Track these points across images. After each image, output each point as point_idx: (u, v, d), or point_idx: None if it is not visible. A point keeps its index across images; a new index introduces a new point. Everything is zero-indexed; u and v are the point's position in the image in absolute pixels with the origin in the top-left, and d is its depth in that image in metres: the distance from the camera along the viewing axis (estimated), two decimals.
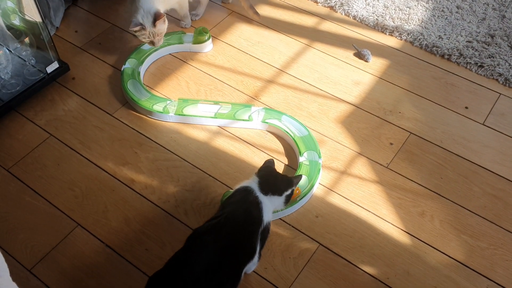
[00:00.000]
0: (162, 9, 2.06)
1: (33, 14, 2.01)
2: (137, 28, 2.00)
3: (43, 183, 1.81)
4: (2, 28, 2.09)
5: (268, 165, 1.55)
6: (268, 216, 1.45)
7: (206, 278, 1.27)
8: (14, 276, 1.50)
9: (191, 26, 2.37)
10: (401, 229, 1.69)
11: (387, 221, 1.71)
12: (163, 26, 2.05)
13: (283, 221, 1.70)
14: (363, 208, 1.74)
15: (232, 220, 1.38)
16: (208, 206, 1.74)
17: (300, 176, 1.56)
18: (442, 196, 1.77)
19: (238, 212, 1.41)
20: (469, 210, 1.73)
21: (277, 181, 1.50)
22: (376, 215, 1.72)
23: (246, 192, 1.45)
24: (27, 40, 2.11)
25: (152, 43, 2.09)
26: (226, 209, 1.42)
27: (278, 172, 1.56)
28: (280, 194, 1.49)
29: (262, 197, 1.45)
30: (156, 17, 1.99)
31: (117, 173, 1.83)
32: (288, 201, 1.52)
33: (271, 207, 1.48)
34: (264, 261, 1.60)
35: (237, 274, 1.36)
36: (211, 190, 1.78)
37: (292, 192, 1.52)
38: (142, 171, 1.84)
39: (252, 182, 1.48)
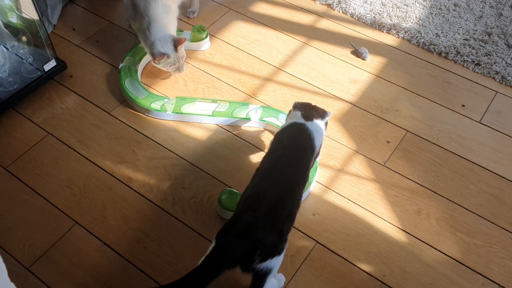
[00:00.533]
0: (173, 31, 2.07)
1: (30, 12, 2.01)
2: (163, 58, 1.97)
3: (41, 181, 1.81)
4: None
5: (300, 102, 1.69)
6: (318, 140, 1.60)
7: (277, 205, 1.38)
8: (13, 274, 1.51)
9: (187, 23, 2.37)
10: (398, 227, 1.70)
11: (383, 219, 1.71)
12: (182, 48, 2.03)
13: None
14: (360, 206, 1.75)
15: (290, 152, 1.53)
16: (205, 204, 1.75)
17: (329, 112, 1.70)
18: (439, 194, 1.78)
19: (294, 145, 1.56)
20: (465, 208, 1.74)
21: (315, 109, 1.66)
22: (373, 213, 1.73)
23: (295, 125, 1.60)
24: (24, 38, 2.11)
25: (178, 69, 2.05)
26: (282, 144, 1.55)
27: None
28: (322, 118, 1.65)
29: (309, 124, 1.60)
30: (176, 42, 1.98)
31: (115, 171, 1.84)
32: (325, 127, 1.69)
33: (319, 131, 1.62)
34: None
35: (298, 202, 1.48)
36: (209, 188, 1.79)
37: (327, 121, 1.68)
38: (139, 169, 1.85)
39: (295, 115, 1.63)
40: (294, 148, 1.55)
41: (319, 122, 1.63)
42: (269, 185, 1.43)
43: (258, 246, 1.31)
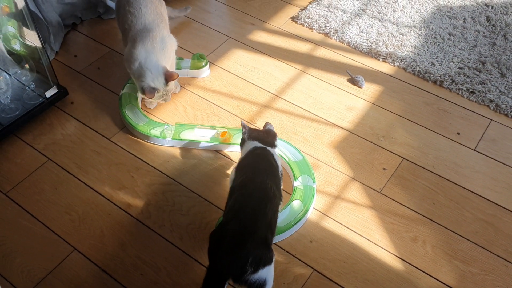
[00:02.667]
0: (165, 63, 2.00)
1: (33, 39, 2.06)
2: (153, 94, 1.93)
3: (40, 207, 1.83)
4: (2, 53, 2.13)
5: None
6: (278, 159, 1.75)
7: (258, 214, 1.47)
8: None
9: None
10: (394, 254, 1.71)
11: (380, 246, 1.73)
12: (173, 83, 1.99)
13: (278, 246, 1.72)
14: (357, 233, 1.76)
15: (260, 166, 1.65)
16: (203, 230, 1.76)
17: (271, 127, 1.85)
18: (434, 222, 1.79)
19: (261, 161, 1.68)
20: (461, 236, 1.76)
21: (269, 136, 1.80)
22: (369, 240, 1.74)
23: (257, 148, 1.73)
24: (27, 65, 2.15)
25: (165, 100, 2.04)
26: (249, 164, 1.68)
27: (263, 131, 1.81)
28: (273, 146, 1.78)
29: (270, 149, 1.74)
30: (167, 76, 1.94)
31: (114, 197, 1.86)
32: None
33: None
34: None
35: (274, 222, 1.54)
36: (206, 215, 1.80)
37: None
38: (138, 195, 1.86)
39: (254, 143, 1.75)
40: (262, 163, 1.67)
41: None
42: (247, 196, 1.52)
43: (249, 255, 1.38)
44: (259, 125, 2.11)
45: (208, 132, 2.02)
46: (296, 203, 1.78)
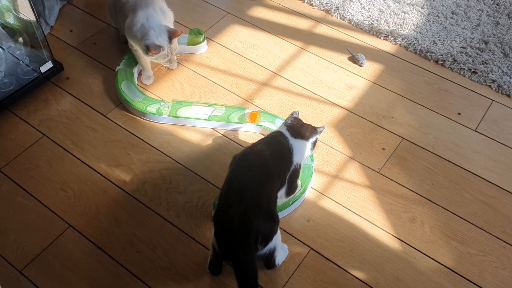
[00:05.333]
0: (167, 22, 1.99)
1: (28, 13, 2.01)
2: (158, 52, 1.88)
3: (35, 184, 1.81)
4: None
5: (295, 116, 1.73)
6: (298, 158, 1.64)
7: (259, 190, 1.45)
8: (4, 277, 1.51)
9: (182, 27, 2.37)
10: (392, 235, 1.70)
11: (378, 226, 1.72)
12: (176, 41, 1.94)
13: None
14: (354, 213, 1.75)
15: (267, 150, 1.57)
16: (200, 209, 1.74)
17: (323, 127, 1.74)
18: (433, 202, 1.78)
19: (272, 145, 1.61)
20: (460, 217, 1.74)
21: (303, 128, 1.69)
22: (367, 220, 1.73)
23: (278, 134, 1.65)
24: (21, 39, 2.11)
25: (170, 61, 1.98)
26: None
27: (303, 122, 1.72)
28: (306, 139, 1.67)
29: (292, 140, 1.63)
30: (170, 34, 1.90)
31: (110, 174, 1.83)
32: (314, 147, 1.73)
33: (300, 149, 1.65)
34: None
35: (275, 196, 1.54)
36: (203, 193, 1.79)
37: (316, 140, 1.71)
38: (134, 172, 1.84)
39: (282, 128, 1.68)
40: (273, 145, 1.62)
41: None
42: (247, 173, 1.49)
43: (258, 235, 1.40)
44: (258, 103, 2.08)
45: (205, 110, 1.99)
46: None
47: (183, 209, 1.74)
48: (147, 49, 1.88)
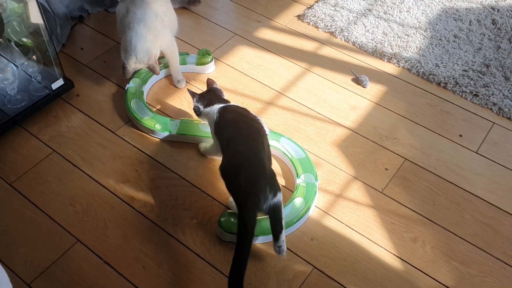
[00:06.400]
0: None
1: (41, 31, 2.07)
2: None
3: (44, 198, 1.85)
4: (10, 45, 2.14)
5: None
6: None
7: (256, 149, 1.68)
8: None
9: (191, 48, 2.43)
10: (394, 254, 1.72)
11: (380, 246, 1.74)
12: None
13: None
14: (357, 232, 1.78)
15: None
16: (205, 225, 1.78)
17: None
18: (434, 223, 1.81)
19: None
20: (460, 237, 1.77)
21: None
22: (370, 240, 1.76)
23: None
24: (34, 57, 2.16)
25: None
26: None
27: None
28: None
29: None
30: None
31: (118, 190, 1.87)
32: None
33: None
34: (258, 282, 1.63)
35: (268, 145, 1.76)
36: (209, 210, 1.82)
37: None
38: (142, 188, 1.88)
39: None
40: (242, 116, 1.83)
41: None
42: (245, 137, 1.71)
43: (266, 184, 1.57)
44: (264, 122, 2.11)
45: None
46: (298, 201, 1.80)
47: (189, 226, 1.77)
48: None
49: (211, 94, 1.95)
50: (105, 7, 2.63)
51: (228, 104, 1.89)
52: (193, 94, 1.96)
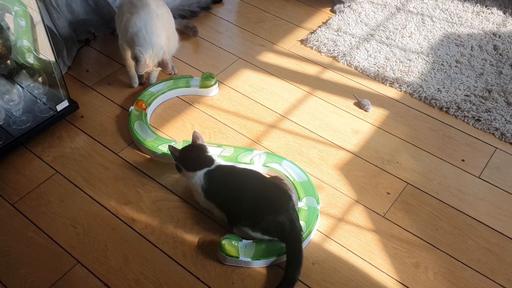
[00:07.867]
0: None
1: (47, 53, 2.10)
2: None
3: (46, 219, 1.85)
4: (17, 66, 2.17)
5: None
6: None
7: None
8: None
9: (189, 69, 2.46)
10: (396, 280, 1.71)
11: (382, 271, 1.73)
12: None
13: (280, 266, 1.72)
14: (359, 256, 1.77)
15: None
16: (206, 248, 1.77)
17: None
18: (437, 248, 1.79)
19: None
20: (463, 263, 1.75)
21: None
22: (372, 264, 1.74)
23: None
24: (40, 79, 2.19)
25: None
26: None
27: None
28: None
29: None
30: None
31: (119, 211, 1.87)
32: None
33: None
34: None
35: None
36: (210, 233, 1.82)
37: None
38: (143, 210, 1.88)
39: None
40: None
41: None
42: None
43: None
44: (266, 145, 2.13)
45: (214, 150, 2.04)
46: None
47: (189, 249, 1.77)
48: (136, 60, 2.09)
49: (194, 154, 1.86)
50: (111, 30, 2.67)
51: (214, 165, 1.84)
52: (173, 150, 1.86)
